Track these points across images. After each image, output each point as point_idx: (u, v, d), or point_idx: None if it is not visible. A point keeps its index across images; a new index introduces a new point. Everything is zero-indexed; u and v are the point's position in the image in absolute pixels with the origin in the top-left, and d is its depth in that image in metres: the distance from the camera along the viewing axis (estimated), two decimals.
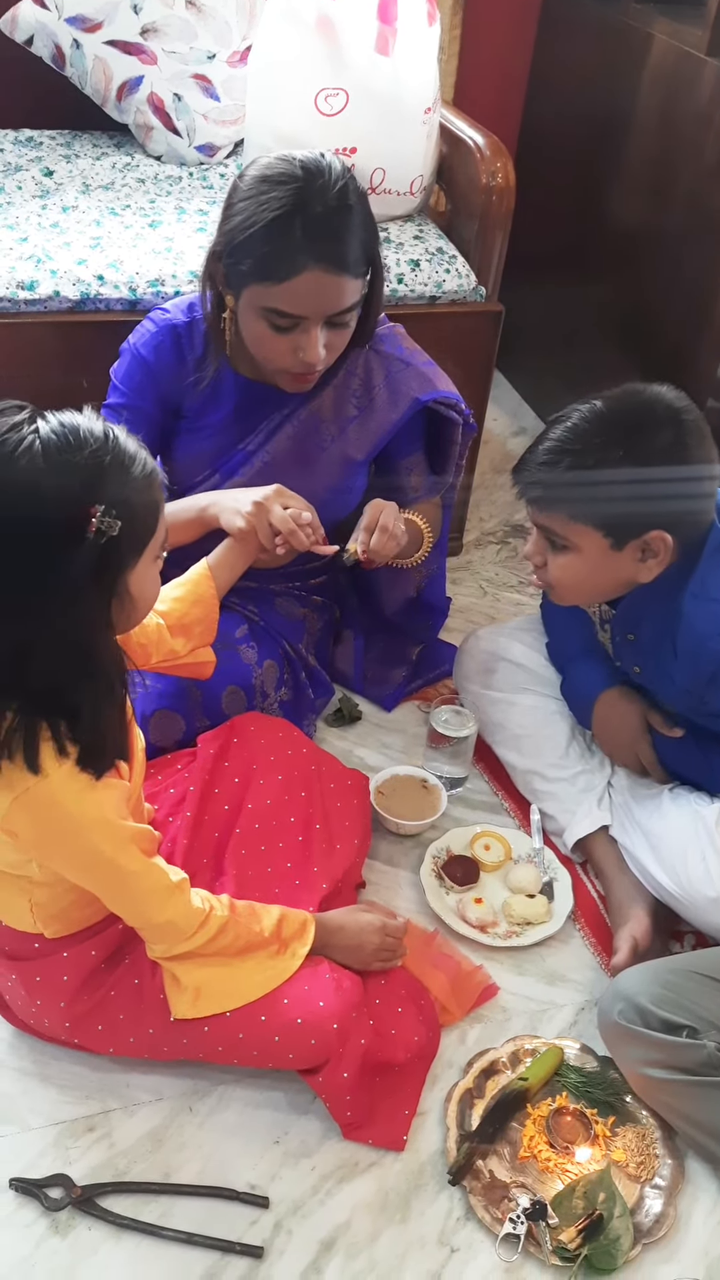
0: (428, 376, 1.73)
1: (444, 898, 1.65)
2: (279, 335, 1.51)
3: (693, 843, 1.53)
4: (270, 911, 1.36)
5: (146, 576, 1.16)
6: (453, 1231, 1.30)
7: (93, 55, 2.16)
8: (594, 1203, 1.31)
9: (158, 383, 1.65)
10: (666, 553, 1.42)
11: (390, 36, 1.87)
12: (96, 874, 1.22)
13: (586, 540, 1.43)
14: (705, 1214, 1.34)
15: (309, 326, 1.49)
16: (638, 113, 2.34)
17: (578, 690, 1.73)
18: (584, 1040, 1.49)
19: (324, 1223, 1.29)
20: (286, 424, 1.70)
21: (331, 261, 1.45)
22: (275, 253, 1.44)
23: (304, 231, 1.42)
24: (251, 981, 1.32)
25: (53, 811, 1.14)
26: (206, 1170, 1.33)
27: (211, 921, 1.28)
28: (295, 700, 1.85)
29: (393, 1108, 1.38)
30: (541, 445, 1.43)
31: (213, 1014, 1.31)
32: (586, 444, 1.40)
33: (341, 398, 1.71)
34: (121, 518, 1.05)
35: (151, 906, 1.25)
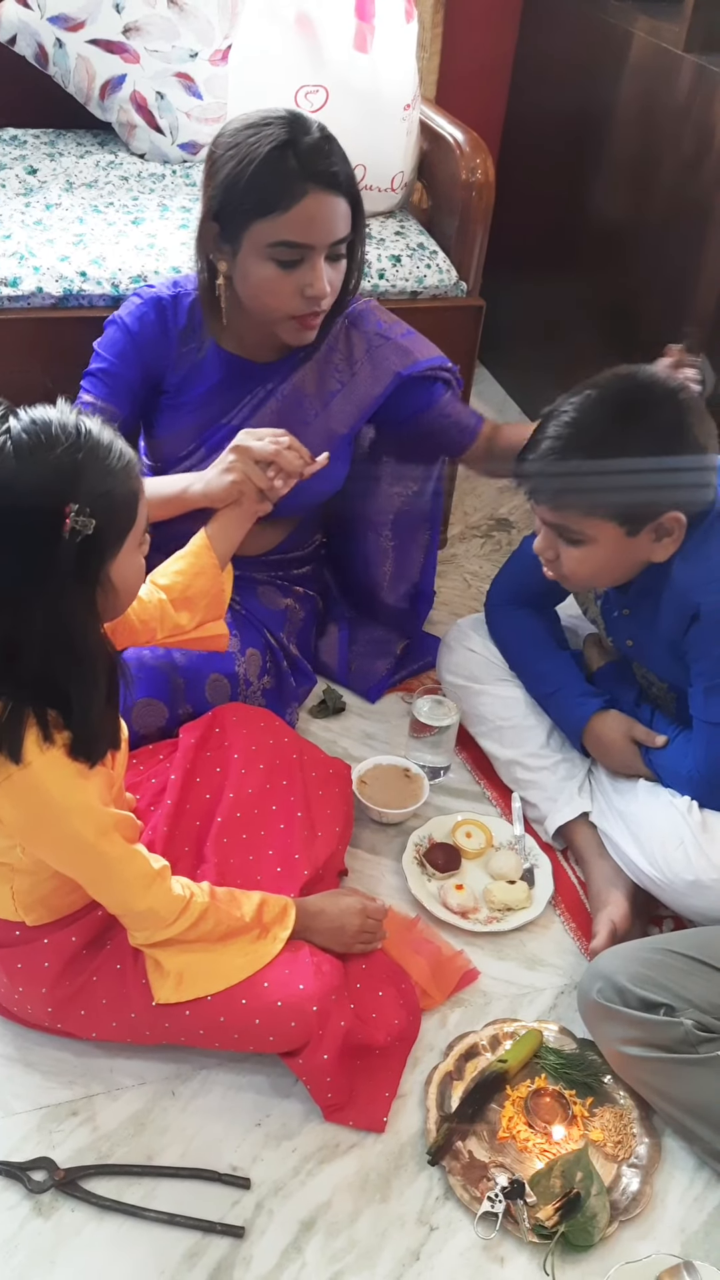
0: (407, 349, 1.75)
1: (426, 884, 1.66)
2: (285, 274, 1.53)
3: (670, 828, 1.55)
4: (250, 897, 1.38)
5: (129, 565, 1.17)
6: (432, 1210, 1.32)
7: (75, 54, 2.17)
8: (571, 1181, 1.33)
9: (140, 352, 1.67)
10: (680, 530, 1.42)
11: (368, 34, 1.89)
12: (79, 860, 1.24)
13: (602, 531, 1.43)
14: (681, 1191, 1.36)
15: (314, 259, 1.52)
16: (618, 108, 2.36)
17: (565, 723, 1.75)
18: (563, 1023, 1.51)
19: (305, 1203, 1.31)
20: (270, 398, 1.72)
21: (329, 183, 1.49)
22: (275, 183, 1.48)
23: (299, 159, 1.48)
24: (233, 965, 1.34)
25: (37, 796, 1.16)
26: (189, 1153, 1.34)
27: (192, 908, 1.30)
28: (278, 689, 1.86)
29: (373, 1090, 1.40)
30: (543, 443, 1.42)
31: (195, 998, 1.32)
32: (590, 435, 1.39)
33: (324, 372, 1.73)
34: (97, 513, 1.06)
35: (133, 893, 1.27)
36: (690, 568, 1.45)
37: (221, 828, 1.54)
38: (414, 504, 1.94)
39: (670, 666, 1.56)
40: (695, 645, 1.47)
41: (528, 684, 1.79)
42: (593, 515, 1.42)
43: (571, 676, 1.73)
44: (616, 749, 1.65)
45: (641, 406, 1.40)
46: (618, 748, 1.65)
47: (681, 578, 1.46)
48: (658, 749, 1.60)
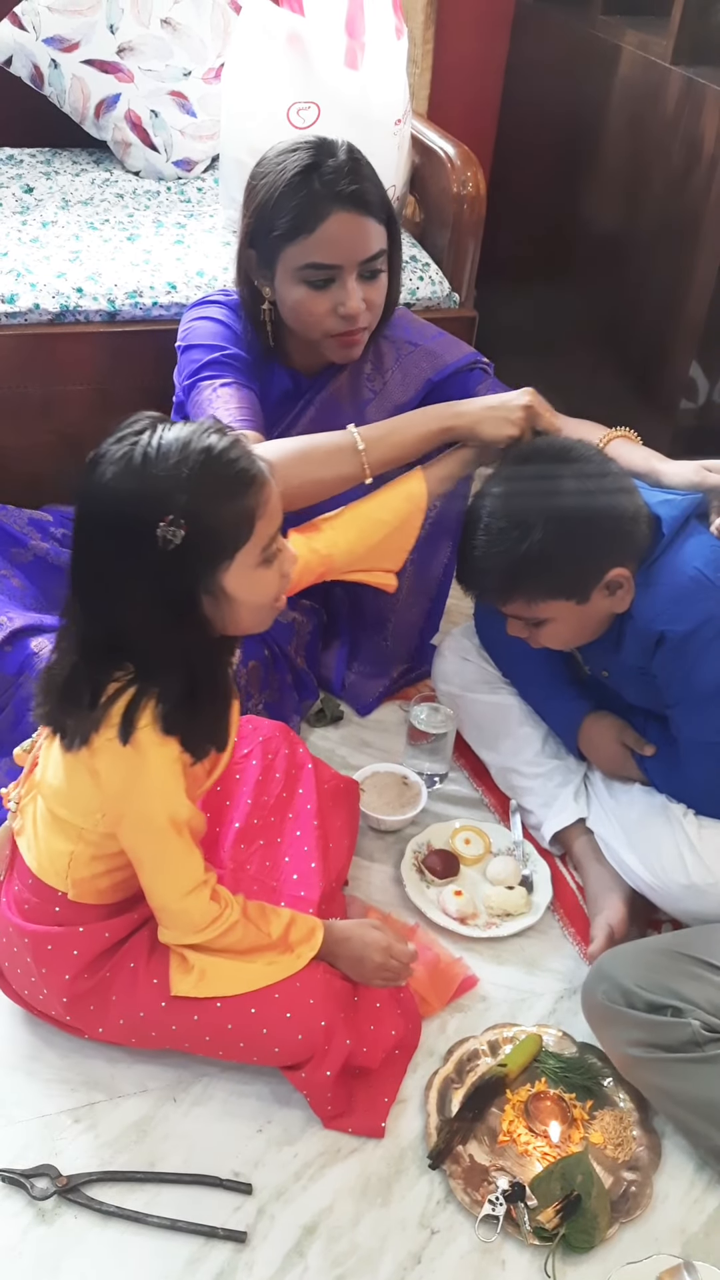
0: (437, 353, 1.78)
1: (424, 891, 1.67)
2: (318, 294, 1.56)
3: (665, 831, 1.56)
4: (280, 915, 1.38)
5: (249, 578, 1.19)
6: (433, 1214, 1.32)
7: (70, 74, 2.20)
8: (571, 1184, 1.33)
9: (238, 344, 1.69)
10: (629, 581, 1.45)
11: (358, 51, 1.92)
12: (144, 840, 1.27)
13: (554, 610, 1.47)
14: (681, 1193, 1.36)
15: (344, 278, 1.55)
16: (609, 121, 2.39)
17: (557, 727, 1.77)
18: (563, 1027, 1.51)
19: (306, 1208, 1.32)
20: (309, 408, 1.75)
21: (353, 203, 1.52)
22: (300, 206, 1.52)
23: (322, 182, 1.52)
24: (256, 971, 1.34)
25: (133, 762, 1.20)
26: (191, 1159, 1.35)
27: (222, 920, 1.31)
28: (280, 701, 1.87)
29: (372, 1096, 1.41)
30: (471, 555, 1.46)
31: (211, 996, 1.33)
32: (506, 534, 1.42)
33: (357, 381, 1.76)
34: (193, 528, 1.11)
35: (177, 889, 1.29)
36: (644, 599, 1.47)
37: (239, 834, 1.55)
38: (438, 518, 1.90)
39: (644, 693, 1.58)
40: (664, 670, 1.49)
41: (520, 689, 1.80)
42: (537, 601, 1.46)
43: (563, 680, 1.75)
44: (607, 751, 1.67)
45: (541, 485, 1.43)
46: (609, 750, 1.66)
47: (639, 610, 1.48)
48: (646, 756, 1.62)
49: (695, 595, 1.45)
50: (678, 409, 2.27)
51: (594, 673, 1.68)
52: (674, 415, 2.28)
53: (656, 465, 1.62)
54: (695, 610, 1.45)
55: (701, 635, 1.45)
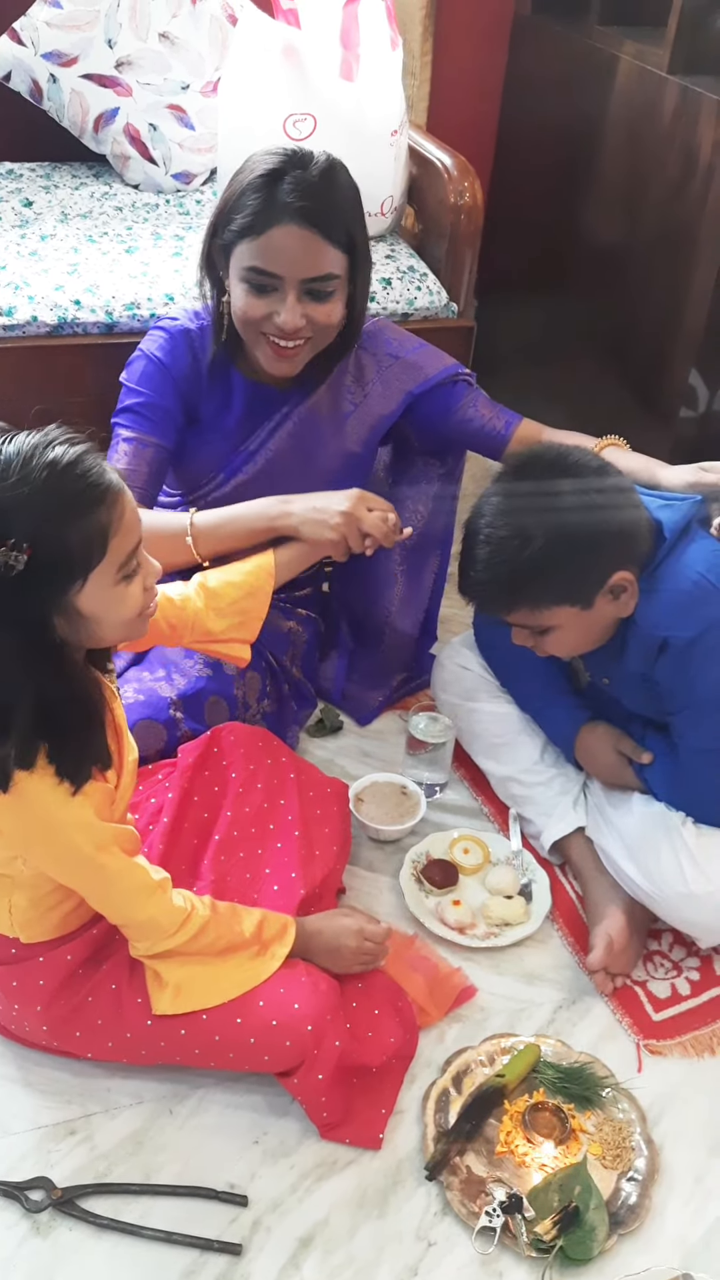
0: (418, 366, 1.77)
1: (423, 901, 1.67)
2: (257, 299, 1.55)
3: (664, 840, 1.55)
4: (251, 914, 1.39)
5: (106, 597, 1.13)
6: (430, 1226, 1.31)
7: (69, 89, 2.22)
8: (569, 1195, 1.33)
9: (177, 384, 1.68)
10: (633, 584, 1.45)
11: (353, 62, 1.93)
12: (79, 873, 1.25)
13: (559, 617, 1.46)
14: (680, 1204, 1.35)
15: (285, 290, 1.54)
16: (607, 131, 2.39)
17: (554, 735, 1.77)
18: (561, 1037, 1.51)
19: (302, 1220, 1.31)
20: (286, 421, 1.74)
21: (308, 220, 1.51)
22: (256, 207, 1.51)
23: (285, 189, 1.51)
24: (231, 980, 1.34)
25: (33, 812, 1.17)
26: (186, 1171, 1.35)
27: (193, 920, 1.31)
28: (278, 712, 1.87)
29: (370, 1107, 1.40)
30: (473, 566, 1.46)
31: (192, 1010, 1.32)
32: (507, 543, 1.41)
33: (337, 394, 1.75)
34: (41, 549, 1.04)
35: (134, 904, 1.28)
36: (646, 604, 1.46)
37: (219, 846, 1.55)
38: (427, 528, 1.93)
39: (645, 701, 1.57)
40: (666, 676, 1.49)
41: (517, 698, 1.80)
42: (541, 608, 1.45)
43: (560, 689, 1.74)
44: (604, 761, 1.66)
45: (539, 491, 1.43)
46: (606, 760, 1.66)
47: (642, 616, 1.47)
48: (645, 765, 1.61)
49: (698, 601, 1.45)
50: (678, 417, 2.27)
51: (594, 680, 1.67)
52: (674, 424, 2.28)
53: (655, 470, 1.62)
54: (698, 616, 1.44)
55: (705, 641, 1.44)
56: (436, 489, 1.92)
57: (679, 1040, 1.53)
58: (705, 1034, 1.54)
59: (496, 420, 1.79)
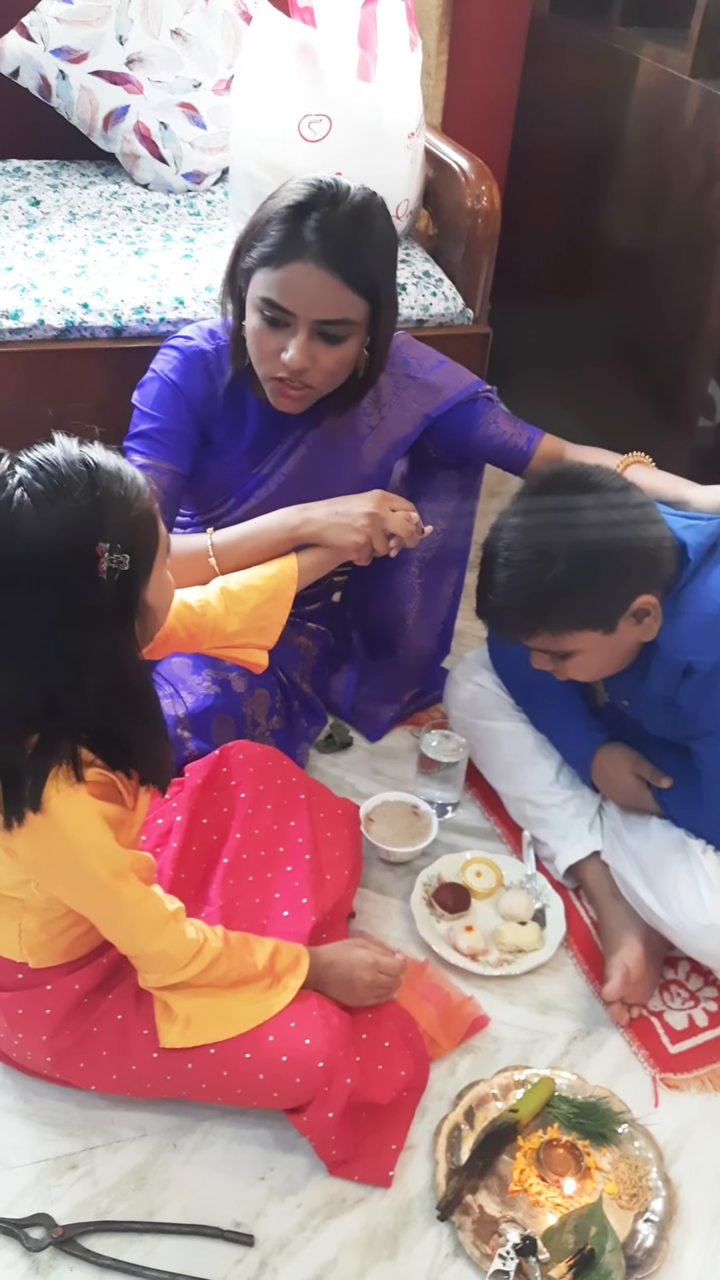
0: (437, 387, 1.72)
1: (434, 926, 1.63)
2: (270, 332, 1.50)
3: (683, 868, 1.51)
4: (264, 944, 1.35)
5: (161, 584, 1.16)
6: (442, 1268, 1.28)
7: (79, 85, 2.17)
8: (585, 1237, 1.29)
9: (192, 407, 1.63)
10: (656, 609, 1.41)
11: (371, 62, 1.88)
12: (92, 899, 1.22)
13: (581, 641, 1.42)
14: (699, 1246, 1.31)
15: (296, 328, 1.49)
16: (626, 135, 2.34)
17: (570, 757, 1.73)
18: (576, 1069, 1.47)
19: (310, 1260, 1.27)
20: (300, 445, 1.70)
21: (329, 261, 1.45)
22: (279, 239, 1.46)
23: (311, 225, 1.45)
24: (242, 1013, 1.30)
25: (53, 834, 1.14)
26: (190, 1208, 1.31)
27: (205, 953, 1.27)
28: (288, 729, 1.83)
29: (380, 1143, 1.36)
30: (492, 590, 1.42)
31: (202, 1044, 1.29)
32: (528, 566, 1.37)
33: (353, 417, 1.71)
34: (128, 546, 1.05)
35: (146, 935, 1.24)
36: (671, 628, 1.42)
37: (228, 870, 1.51)
38: (446, 540, 1.89)
39: (668, 724, 1.53)
40: (690, 701, 1.45)
41: (532, 718, 1.76)
42: (563, 633, 1.41)
43: (577, 710, 1.70)
44: (622, 784, 1.62)
45: (561, 511, 1.39)
46: (623, 783, 1.62)
47: (666, 640, 1.43)
48: (664, 789, 1.57)
49: None
50: (696, 427, 2.23)
51: (614, 702, 1.63)
52: (693, 434, 2.23)
53: (684, 490, 1.58)
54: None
55: None
56: (455, 501, 1.88)
57: (696, 1074, 1.49)
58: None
59: (518, 437, 1.75)
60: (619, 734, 1.67)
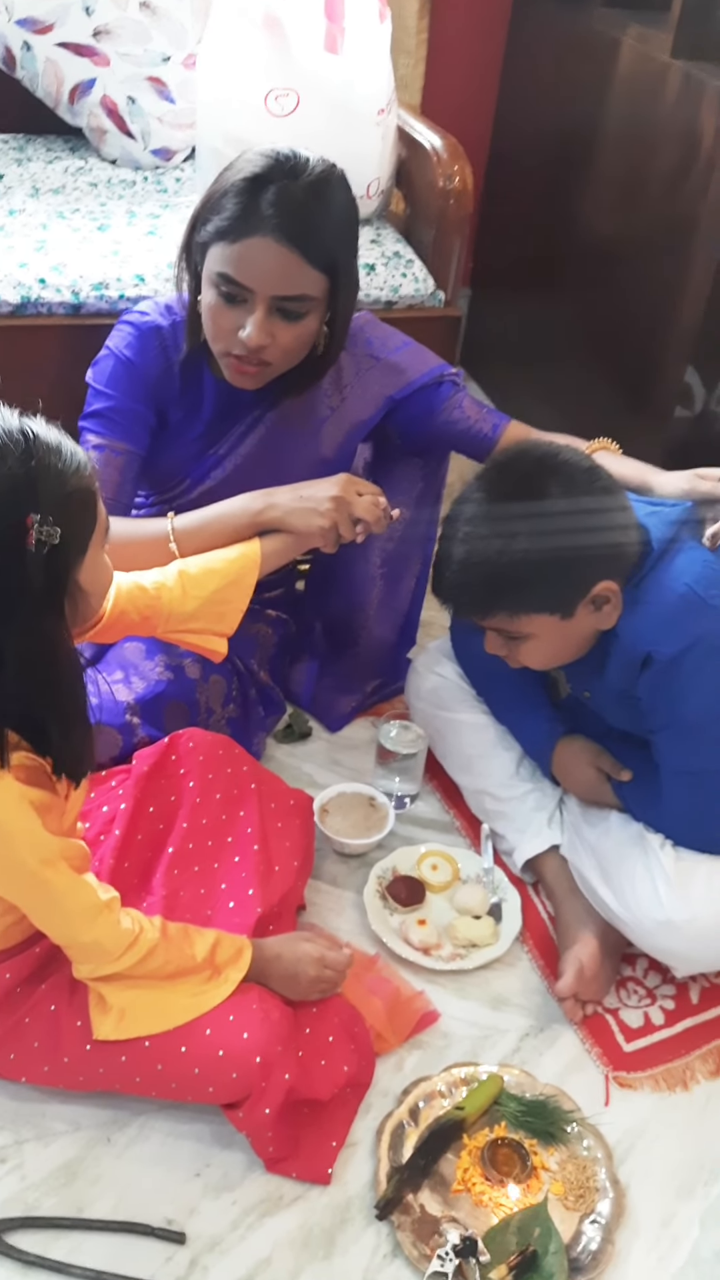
0: (400, 368, 1.68)
1: (387, 919, 1.59)
2: (227, 308, 1.47)
3: (640, 863, 1.48)
4: (205, 935, 1.31)
5: (96, 565, 1.13)
6: (379, 1269, 1.24)
7: (44, 58, 2.12)
8: (528, 1238, 1.25)
9: (147, 385, 1.60)
10: (616, 596, 1.37)
11: (338, 35, 1.84)
12: (20, 887, 1.18)
13: (537, 625, 1.38)
14: (646, 1249, 1.28)
15: (255, 304, 1.45)
16: (606, 118, 2.30)
17: (530, 749, 1.69)
18: (527, 1067, 1.44)
19: (243, 1260, 1.24)
20: (258, 426, 1.66)
21: (287, 236, 1.41)
22: (236, 212, 1.42)
23: (268, 199, 1.41)
24: (179, 1005, 1.27)
25: None
26: (122, 1204, 1.27)
27: (140, 944, 1.24)
28: (244, 717, 1.79)
29: (319, 1140, 1.33)
30: (449, 566, 1.38)
31: (137, 1036, 1.25)
32: (487, 543, 1.33)
33: (313, 398, 1.67)
34: (61, 519, 1.02)
35: (78, 925, 1.21)
36: (630, 617, 1.39)
37: (173, 859, 1.47)
38: (408, 530, 1.84)
39: (625, 717, 1.50)
40: (649, 693, 1.41)
41: (493, 708, 1.72)
42: (519, 614, 1.37)
43: (538, 701, 1.66)
44: (582, 777, 1.59)
45: (523, 491, 1.35)
46: (583, 776, 1.58)
47: (625, 629, 1.39)
48: (623, 782, 1.54)
49: (684, 615, 1.36)
50: (672, 416, 2.19)
51: (575, 693, 1.60)
52: (668, 423, 2.19)
53: (648, 475, 1.54)
54: (684, 631, 1.36)
55: (690, 658, 1.36)
56: (419, 489, 1.84)
57: (650, 1073, 1.46)
58: (678, 1067, 1.47)
59: (483, 423, 1.71)
60: (580, 726, 1.64)
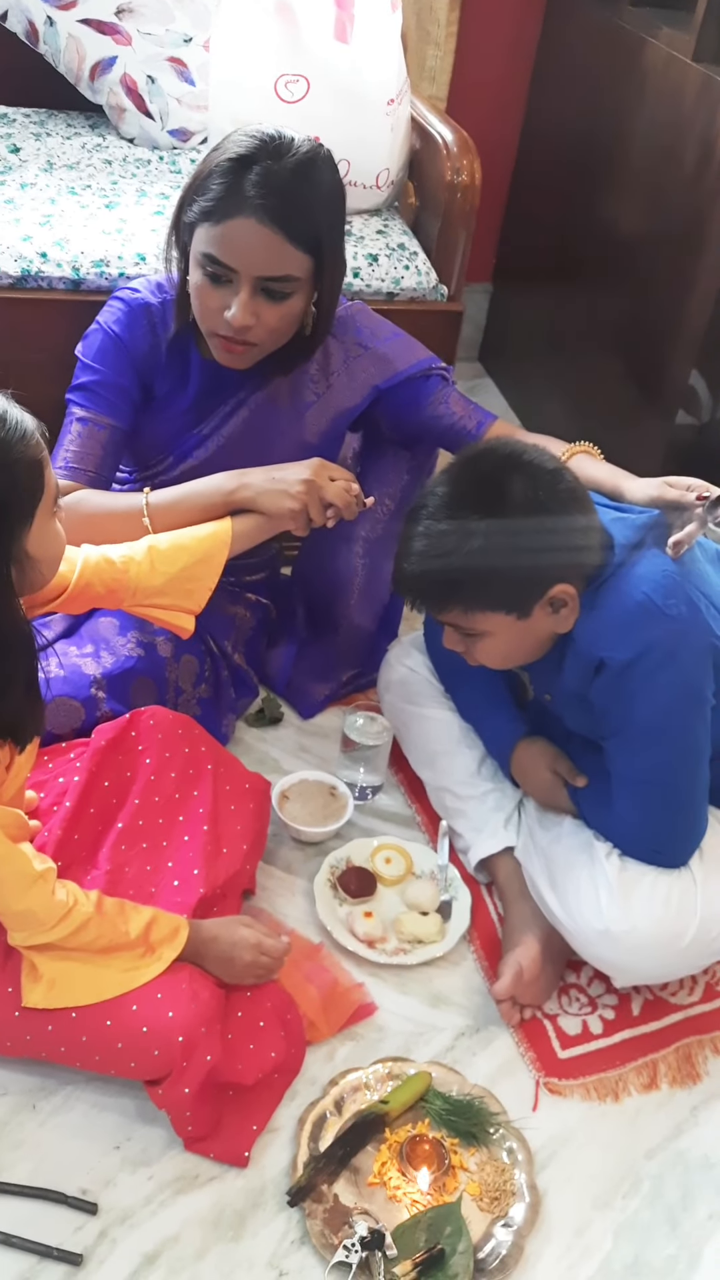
0: (388, 358, 1.69)
1: (335, 909, 1.60)
2: (213, 289, 1.48)
3: (585, 871, 1.47)
4: (141, 913, 1.32)
5: (46, 534, 1.14)
6: (285, 1255, 1.25)
7: (66, 33, 2.13)
8: (438, 1236, 1.26)
9: (134, 361, 1.62)
10: (574, 600, 1.36)
11: (348, 23, 1.83)
12: None
13: (492, 623, 1.37)
14: (557, 1256, 1.28)
15: (239, 284, 1.46)
16: (632, 119, 2.28)
17: (492, 748, 1.69)
18: (458, 1067, 1.44)
19: (152, 1234, 1.25)
20: (242, 407, 1.67)
21: (271, 217, 1.42)
22: (220, 193, 1.43)
23: (252, 180, 1.42)
24: (110, 980, 1.28)
25: None
26: (40, 1171, 1.29)
27: (73, 916, 1.25)
28: (215, 698, 1.80)
29: (241, 1122, 1.34)
30: (408, 557, 1.37)
31: (65, 1006, 1.27)
32: (444, 537, 1.33)
33: (299, 383, 1.67)
34: (4, 488, 1.04)
35: (10, 893, 1.22)
36: (587, 622, 1.38)
37: (121, 834, 1.48)
38: (392, 521, 1.84)
39: (582, 721, 1.49)
40: (602, 698, 1.40)
41: (459, 704, 1.72)
42: (474, 610, 1.36)
43: (502, 701, 1.66)
44: (539, 779, 1.58)
45: (486, 488, 1.34)
46: (540, 778, 1.58)
47: (581, 633, 1.38)
48: (579, 788, 1.53)
49: (640, 621, 1.35)
50: (674, 420, 2.17)
51: (538, 695, 1.59)
52: (671, 424, 2.18)
53: (621, 481, 1.53)
54: (638, 637, 1.35)
55: (643, 665, 1.35)
56: (405, 481, 1.84)
57: (582, 1081, 1.46)
58: (611, 1077, 1.47)
59: (468, 419, 1.70)
60: (545, 729, 1.63)
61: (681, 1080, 1.47)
